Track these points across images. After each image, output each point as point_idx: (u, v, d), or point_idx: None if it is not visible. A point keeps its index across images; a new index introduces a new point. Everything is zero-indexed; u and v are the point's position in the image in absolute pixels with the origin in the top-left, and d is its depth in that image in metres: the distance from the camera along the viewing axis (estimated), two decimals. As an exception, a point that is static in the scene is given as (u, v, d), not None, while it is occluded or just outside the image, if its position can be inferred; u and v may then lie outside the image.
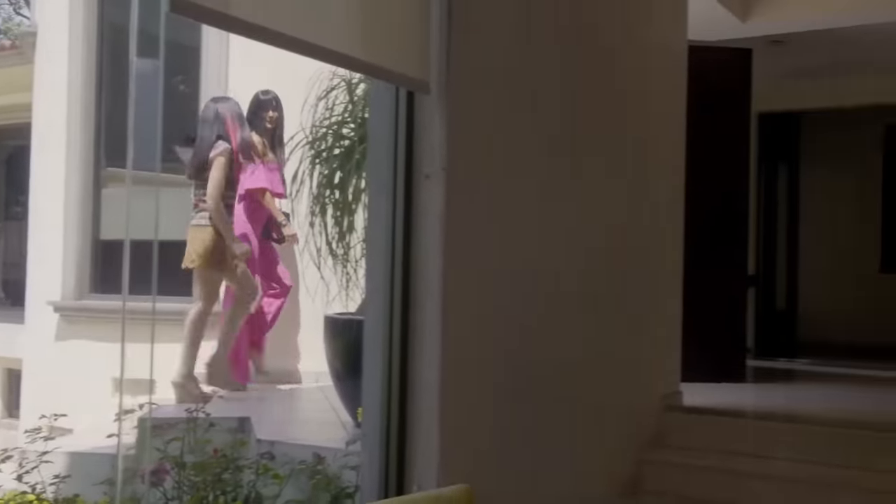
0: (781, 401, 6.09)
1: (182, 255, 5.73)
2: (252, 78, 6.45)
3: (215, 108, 5.84)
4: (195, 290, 5.88)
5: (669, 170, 4.86)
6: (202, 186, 5.74)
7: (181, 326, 5.68)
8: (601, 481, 4.07)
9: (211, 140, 5.74)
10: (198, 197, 5.80)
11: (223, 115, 5.77)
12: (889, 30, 6.46)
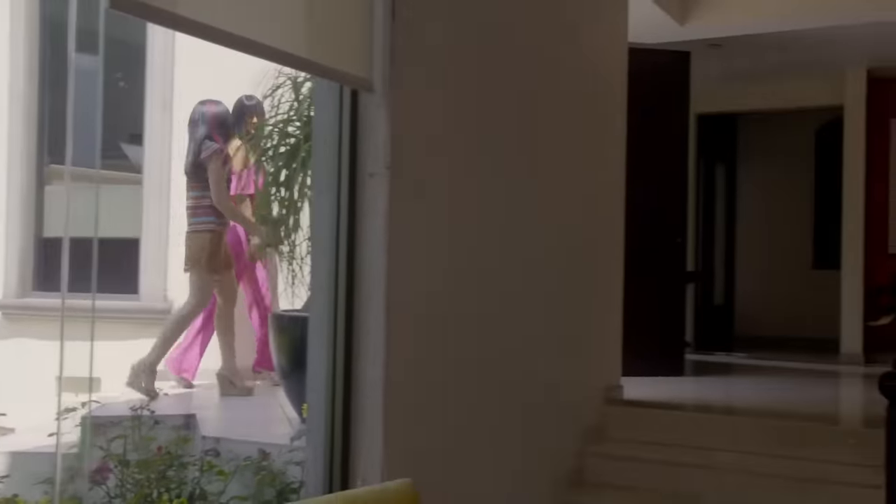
0: (719, 393, 6.20)
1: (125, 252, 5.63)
2: (198, 76, 6.36)
3: (202, 110, 5.73)
4: (189, 292, 5.74)
5: (611, 169, 4.92)
6: (197, 189, 5.60)
7: (123, 324, 5.59)
8: (543, 474, 4.09)
9: (200, 142, 5.62)
10: (194, 199, 5.65)
11: (209, 117, 5.66)
12: (818, 35, 6.62)
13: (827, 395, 6.17)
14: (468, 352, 3.45)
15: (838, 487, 3.89)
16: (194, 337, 5.83)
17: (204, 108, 5.73)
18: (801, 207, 9.94)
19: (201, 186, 5.53)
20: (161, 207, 6.76)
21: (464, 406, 3.42)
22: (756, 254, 10.11)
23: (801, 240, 9.93)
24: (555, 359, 4.18)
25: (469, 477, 3.48)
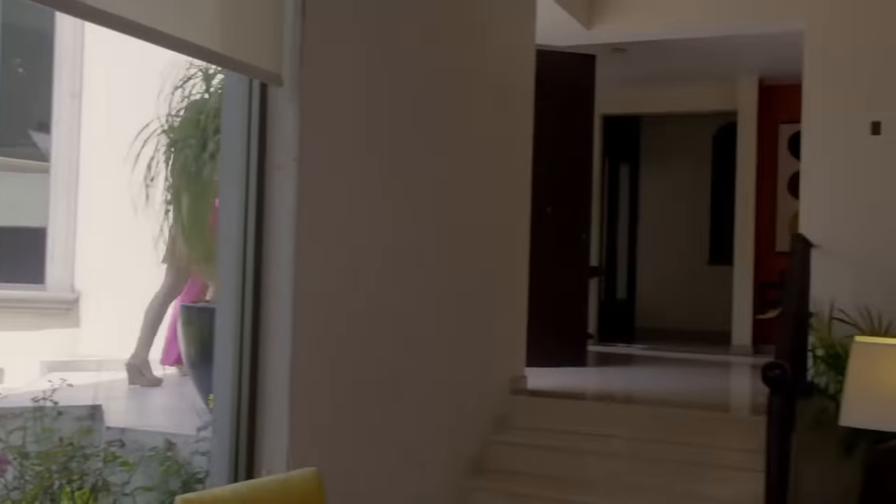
0: (619, 383, 6.33)
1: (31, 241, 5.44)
2: (108, 65, 6.19)
3: None
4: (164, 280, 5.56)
5: (517, 167, 4.97)
6: None
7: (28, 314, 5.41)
8: (447, 462, 4.12)
9: None
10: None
11: None
12: (715, 44, 6.83)
13: (719, 385, 6.37)
14: (374, 343, 3.45)
15: (726, 471, 4.02)
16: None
17: None
18: (699, 206, 10.23)
19: None
20: (69, 197, 6.55)
21: (369, 396, 3.42)
22: (657, 250, 10.37)
23: (699, 237, 10.22)
24: (459, 350, 4.21)
25: (374, 465, 3.48)
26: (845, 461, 4.86)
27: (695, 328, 9.57)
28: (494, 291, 4.65)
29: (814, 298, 5.32)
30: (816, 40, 5.62)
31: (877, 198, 5.42)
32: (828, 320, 5.23)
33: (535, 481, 4.24)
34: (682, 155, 10.35)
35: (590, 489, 4.12)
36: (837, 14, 5.57)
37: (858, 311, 5.20)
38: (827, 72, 5.57)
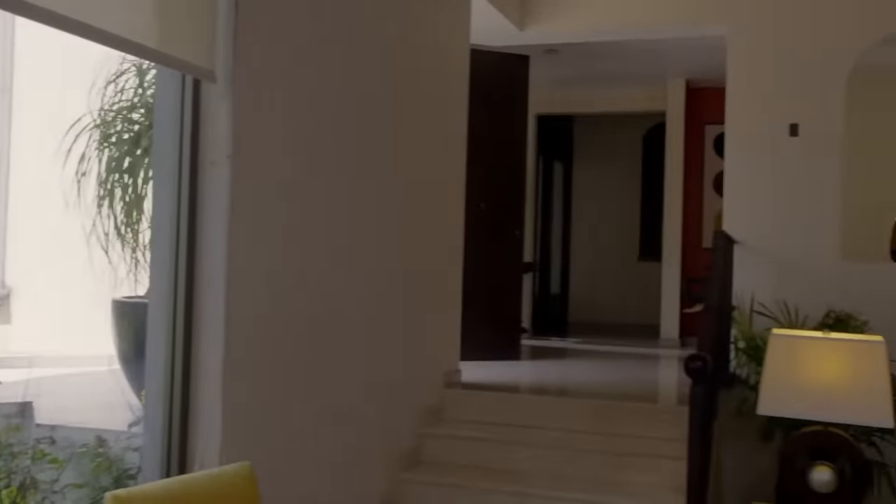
0: (552, 376, 6.40)
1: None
2: (40, 59, 6.02)
3: None
4: None
5: (451, 165, 4.99)
6: None
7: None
8: (381, 455, 4.12)
9: None
10: None
11: None
12: (643, 47, 6.94)
13: (647, 377, 6.47)
14: (308, 338, 3.43)
15: (652, 460, 4.11)
16: None
17: None
18: (630, 204, 10.40)
19: None
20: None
21: (303, 390, 3.41)
22: (589, 246, 10.50)
23: (629, 234, 10.38)
24: (393, 344, 4.22)
25: (308, 459, 3.46)
26: (764, 448, 5.00)
27: (625, 322, 9.73)
28: (429, 287, 4.66)
29: (736, 293, 5.45)
30: (739, 45, 5.74)
31: (794, 197, 5.57)
32: (749, 314, 5.36)
33: (469, 472, 4.27)
34: (613, 154, 10.51)
35: (522, 479, 4.17)
36: (759, 20, 5.71)
37: (777, 304, 5.34)
38: (749, 75, 5.71)
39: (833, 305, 5.22)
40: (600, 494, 3.97)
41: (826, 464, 3.15)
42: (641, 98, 8.64)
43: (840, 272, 5.41)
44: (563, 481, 4.14)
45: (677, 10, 5.92)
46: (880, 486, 4.68)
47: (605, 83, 8.52)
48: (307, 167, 3.40)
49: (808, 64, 5.57)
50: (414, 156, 4.42)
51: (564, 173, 10.30)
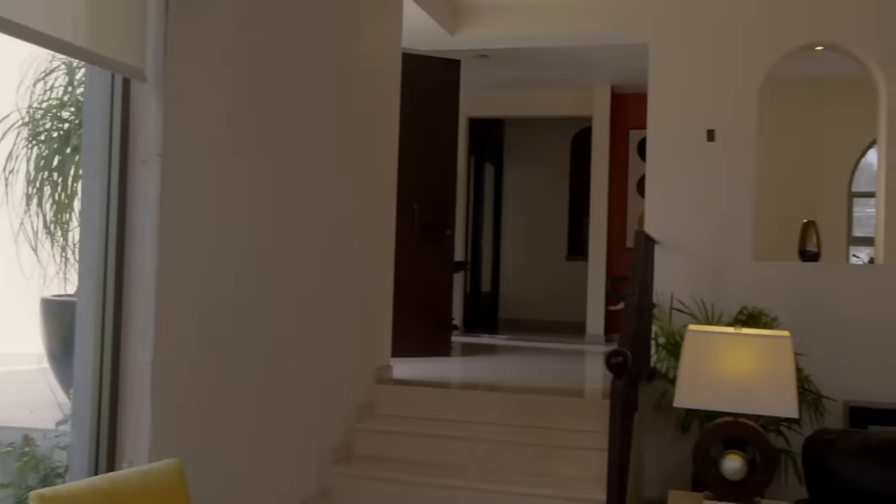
0: (483, 372, 6.42)
1: None
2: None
3: None
4: None
5: (383, 166, 4.98)
6: None
7: None
8: (312, 450, 4.10)
9: None
10: None
11: None
12: (570, 53, 7.04)
13: (574, 372, 6.55)
14: (239, 335, 3.39)
15: (577, 451, 4.16)
16: None
17: None
18: (558, 205, 10.51)
19: None
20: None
21: (234, 387, 3.37)
22: (519, 245, 10.59)
23: (558, 233, 10.50)
24: (325, 341, 4.19)
25: (239, 455, 3.42)
26: (682, 438, 5.13)
27: (554, 319, 9.84)
28: (360, 285, 4.65)
29: (657, 291, 5.57)
30: (660, 54, 5.87)
31: (711, 199, 5.72)
32: (669, 311, 5.49)
33: (400, 466, 4.27)
34: (542, 156, 10.61)
35: (452, 472, 4.19)
36: (679, 31, 5.85)
37: (695, 302, 5.48)
38: (669, 83, 5.84)
39: (746, 302, 5.38)
40: (527, 486, 4.01)
41: (737, 452, 3.24)
42: (569, 103, 8.75)
43: (753, 271, 5.58)
44: (493, 474, 4.18)
45: (603, 19, 6.02)
46: (787, 472, 4.85)
47: (535, 88, 8.61)
48: (238, 167, 3.36)
49: (725, 73, 5.73)
50: (346, 156, 4.40)
51: (495, 174, 10.36)
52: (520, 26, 6.14)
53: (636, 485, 4.88)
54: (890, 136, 5.50)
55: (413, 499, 4.06)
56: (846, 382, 5.29)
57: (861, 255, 7.83)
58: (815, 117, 7.89)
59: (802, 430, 4.76)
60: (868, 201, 7.59)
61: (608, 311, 8.33)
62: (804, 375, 5.10)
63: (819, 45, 5.73)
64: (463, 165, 8.89)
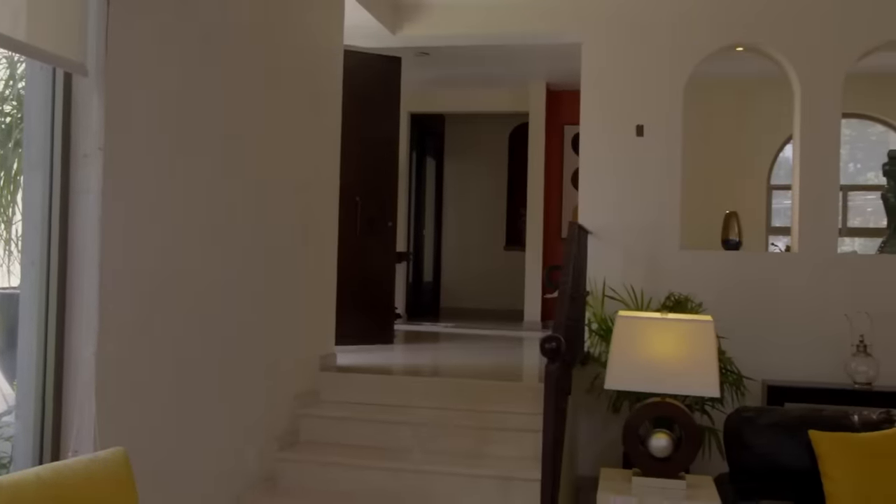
0: (425, 359, 6.43)
1: None
2: None
3: None
4: None
5: (326, 159, 4.94)
6: None
7: None
8: (258, 436, 4.06)
9: None
10: None
11: None
12: (506, 51, 7.06)
13: (513, 357, 6.61)
14: (182, 326, 3.34)
15: (515, 433, 4.20)
16: None
17: None
18: (497, 197, 10.58)
19: None
20: None
21: (178, 376, 3.32)
22: (460, 236, 10.63)
23: (496, 225, 10.56)
24: (269, 330, 4.16)
25: (185, 442, 3.38)
26: (614, 419, 5.22)
27: (493, 307, 9.91)
28: (304, 276, 4.62)
29: (590, 279, 5.65)
30: (592, 53, 5.94)
31: (640, 191, 5.82)
32: (601, 298, 5.56)
33: (345, 450, 4.26)
34: (482, 151, 10.66)
35: (396, 456, 4.19)
36: (609, 31, 5.92)
37: (626, 289, 5.57)
38: (600, 80, 5.91)
39: (674, 289, 5.48)
40: (468, 467, 4.04)
41: (663, 431, 3.32)
42: (507, 99, 8.79)
43: (680, 259, 5.70)
44: (434, 455, 4.19)
45: (538, 19, 6.06)
46: (710, 448, 4.97)
47: (474, 85, 8.63)
48: (179, 160, 3.30)
49: (653, 71, 5.82)
50: (288, 150, 4.36)
51: (437, 168, 10.37)
52: (459, 25, 6.15)
53: (570, 463, 4.95)
54: (804, 133, 5.66)
55: (357, 481, 4.05)
56: (765, 363, 5.44)
57: (779, 243, 8.05)
58: (739, 115, 8.08)
59: (725, 409, 4.89)
60: (786, 193, 7.79)
61: (544, 298, 8.42)
62: (727, 357, 5.23)
63: (739, 46, 5.86)
64: (405, 160, 8.88)
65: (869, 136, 8.38)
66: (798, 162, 5.70)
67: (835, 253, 5.60)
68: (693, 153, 7.08)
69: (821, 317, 5.46)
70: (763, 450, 3.78)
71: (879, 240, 6.31)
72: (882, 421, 3.78)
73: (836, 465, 3.55)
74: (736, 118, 8.06)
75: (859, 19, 5.59)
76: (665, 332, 3.27)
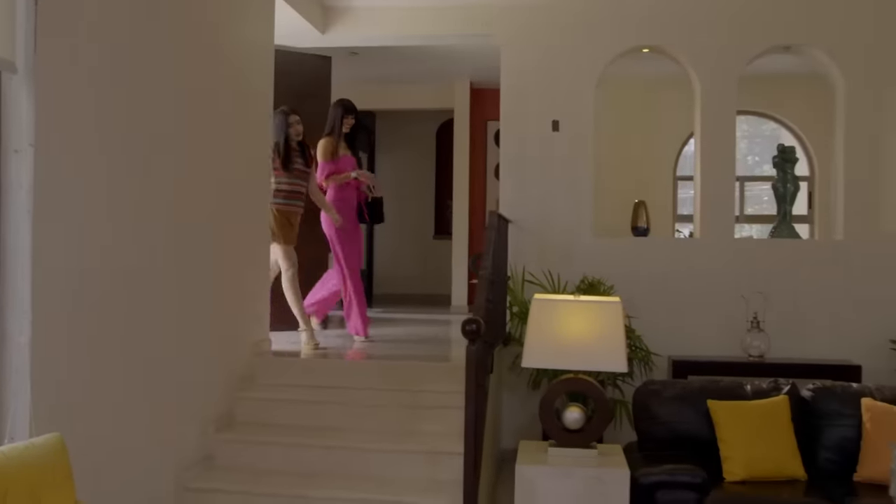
0: (358, 342, 6.42)
1: None
2: None
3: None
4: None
5: (257, 155, 4.87)
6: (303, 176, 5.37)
7: None
8: (197, 419, 4.01)
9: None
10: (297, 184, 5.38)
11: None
12: (432, 51, 7.08)
13: (441, 339, 6.64)
14: (116, 314, 3.26)
15: (441, 411, 4.23)
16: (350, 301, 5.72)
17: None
18: (426, 189, 10.59)
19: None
20: None
21: (113, 363, 3.24)
22: (392, 226, 10.59)
23: (426, 215, 10.58)
24: (203, 317, 4.09)
25: (123, 426, 3.31)
26: (534, 395, 5.31)
27: (423, 292, 9.93)
28: (238, 264, 4.56)
29: (511, 265, 5.72)
30: (511, 53, 5.99)
31: (556, 183, 5.91)
32: (521, 282, 5.64)
33: (280, 431, 4.23)
34: (411, 145, 10.65)
35: (329, 434, 4.18)
36: (526, 33, 5.98)
37: (544, 274, 5.66)
38: (518, 78, 5.97)
39: (587, 273, 5.59)
40: (398, 444, 4.06)
41: (577, 405, 3.40)
42: (433, 97, 8.80)
43: (593, 246, 5.81)
44: (365, 434, 4.20)
45: (459, 22, 6.07)
46: (622, 419, 5.10)
47: (403, 83, 8.61)
48: (110, 154, 3.20)
49: (567, 71, 5.91)
50: (220, 145, 4.28)
51: (369, 162, 10.31)
52: (384, 27, 6.12)
53: (494, 438, 5.02)
54: (703, 129, 5.82)
55: (292, 459, 4.03)
56: (671, 340, 5.59)
57: (684, 230, 8.27)
58: (647, 112, 8.25)
59: (635, 383, 5.03)
60: (690, 184, 8.02)
61: (470, 284, 8.48)
62: (636, 335, 5.37)
63: (646, 47, 5.99)
64: (337, 154, 8.82)
65: (764, 132, 8.67)
66: (699, 155, 5.86)
67: (732, 238, 5.79)
68: (605, 147, 7.22)
69: (720, 297, 5.64)
70: (667, 419, 3.91)
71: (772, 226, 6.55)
72: (771, 389, 3.95)
73: (730, 429, 3.70)
74: (645, 115, 8.24)
75: (753, 25, 5.77)
76: (577, 314, 3.34)
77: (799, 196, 6.83)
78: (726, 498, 3.44)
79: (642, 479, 3.48)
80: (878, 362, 5.38)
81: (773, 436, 3.70)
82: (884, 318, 5.49)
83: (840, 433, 3.80)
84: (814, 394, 3.95)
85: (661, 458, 3.71)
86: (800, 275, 5.64)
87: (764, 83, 7.51)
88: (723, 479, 3.62)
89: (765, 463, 3.63)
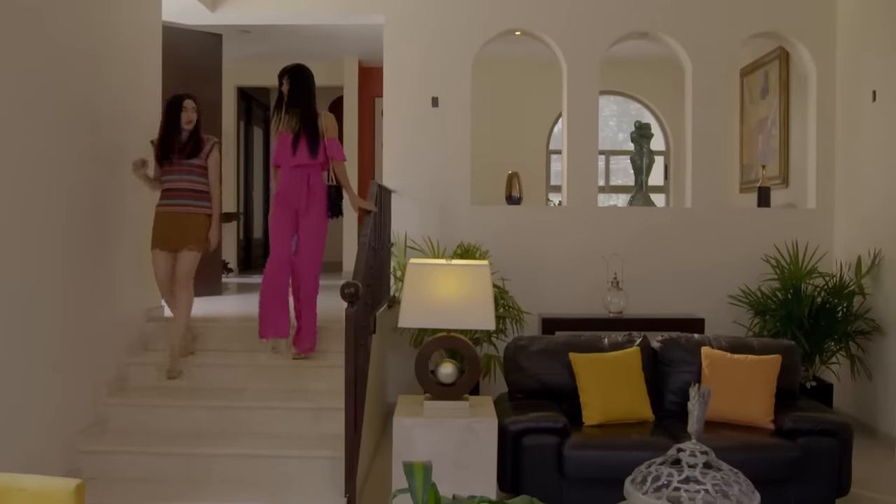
0: (251, 308, 6.16)
1: None
2: None
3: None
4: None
5: (144, 123, 4.63)
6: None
7: None
8: (89, 383, 3.84)
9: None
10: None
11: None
12: (322, 30, 6.91)
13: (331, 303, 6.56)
14: (8, 281, 3.06)
15: (329, 370, 4.23)
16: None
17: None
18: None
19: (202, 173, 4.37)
20: None
21: (3, 329, 3.05)
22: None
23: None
24: (96, 284, 3.92)
25: (13, 392, 3.13)
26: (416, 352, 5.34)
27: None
28: (131, 233, 4.35)
29: (395, 232, 5.70)
30: (393, 31, 5.90)
31: (436, 155, 5.89)
32: (404, 248, 5.63)
33: (172, 393, 4.10)
34: (306, 121, 10.38)
35: (220, 395, 4.09)
36: (408, 12, 5.90)
37: (425, 240, 5.67)
38: (400, 57, 5.89)
39: (464, 239, 5.64)
40: (283, 402, 4.03)
41: (450, 360, 3.42)
42: (324, 74, 8.53)
43: (470, 213, 5.85)
44: (255, 394, 4.14)
45: (346, 1, 5.93)
46: (495, 372, 5.21)
47: (294, 60, 8.32)
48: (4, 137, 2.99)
49: (445, 49, 5.88)
50: (105, 117, 4.05)
51: (265, 136, 10.04)
52: (272, 5, 5.90)
53: (380, 393, 5.03)
54: (570, 106, 5.93)
55: (184, 420, 3.93)
56: (541, 299, 5.73)
57: (555, 199, 8.46)
58: (522, 90, 8.35)
59: (508, 339, 5.12)
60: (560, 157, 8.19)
61: (361, 251, 8.42)
62: (509, 296, 5.47)
63: (517, 30, 6.03)
64: (233, 129, 8.54)
65: (630, 111, 8.93)
66: (566, 131, 5.97)
67: (596, 206, 5.95)
68: (483, 123, 7.27)
69: (585, 259, 5.80)
70: (534, 371, 4.01)
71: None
72: (625, 342, 4.10)
73: (589, 379, 3.83)
74: (520, 93, 8.33)
75: (614, 13, 5.89)
76: (448, 276, 3.35)
77: (656, 168, 7.10)
78: (583, 440, 3.57)
79: (510, 426, 3.56)
80: (718, 315, 5.69)
81: (626, 383, 3.85)
82: (725, 276, 5.80)
83: (683, 378, 3.99)
84: (662, 345, 4.13)
85: (528, 406, 3.80)
86: (654, 239, 5.86)
87: (627, 67, 7.73)
88: (582, 423, 3.74)
89: (619, 407, 3.78)
